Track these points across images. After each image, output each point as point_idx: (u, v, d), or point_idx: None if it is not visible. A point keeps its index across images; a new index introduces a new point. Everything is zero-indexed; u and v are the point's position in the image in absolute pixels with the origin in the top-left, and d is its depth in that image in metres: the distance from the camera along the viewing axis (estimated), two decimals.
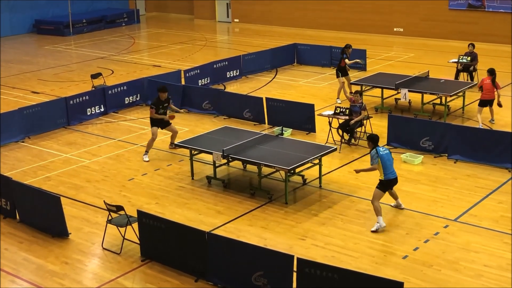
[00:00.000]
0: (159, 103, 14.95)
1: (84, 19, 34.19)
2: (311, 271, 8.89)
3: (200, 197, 13.09)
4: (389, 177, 11.59)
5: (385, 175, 11.56)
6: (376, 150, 11.59)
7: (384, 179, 11.58)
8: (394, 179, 11.68)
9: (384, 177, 11.57)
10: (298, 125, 16.70)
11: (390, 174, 11.59)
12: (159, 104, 14.94)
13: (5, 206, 12.29)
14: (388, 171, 11.56)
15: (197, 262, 10.02)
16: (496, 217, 11.83)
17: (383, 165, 11.52)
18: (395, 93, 18.23)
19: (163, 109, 15.01)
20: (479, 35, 27.09)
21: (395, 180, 11.74)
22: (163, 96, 14.94)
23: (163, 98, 14.96)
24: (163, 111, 15.03)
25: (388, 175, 11.57)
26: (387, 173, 11.55)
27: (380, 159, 11.49)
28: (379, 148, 11.67)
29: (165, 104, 15.05)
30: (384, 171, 11.54)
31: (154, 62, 25.98)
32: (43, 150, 16.15)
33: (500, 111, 17.84)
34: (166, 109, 15.12)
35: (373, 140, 11.80)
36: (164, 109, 15.05)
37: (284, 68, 24.12)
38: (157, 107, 14.91)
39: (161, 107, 14.96)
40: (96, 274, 10.35)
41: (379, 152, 11.58)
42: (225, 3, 36.36)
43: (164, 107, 15.02)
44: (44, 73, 24.74)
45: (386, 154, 11.60)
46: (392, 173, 11.62)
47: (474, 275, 9.94)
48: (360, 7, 31.04)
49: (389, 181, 11.66)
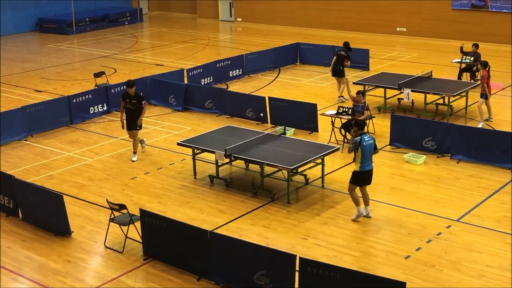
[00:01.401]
0: (125, 96, 14.73)
1: (87, 17, 34.22)
2: (313, 270, 8.89)
3: (202, 196, 13.09)
4: (364, 168, 11.52)
5: (361, 166, 11.48)
6: (361, 138, 11.42)
7: (359, 170, 11.50)
8: (369, 171, 11.60)
9: (359, 168, 11.49)
10: (300, 124, 16.70)
11: (366, 165, 11.53)
12: (125, 97, 14.70)
13: (8, 204, 12.30)
14: (365, 162, 11.50)
15: (199, 261, 10.03)
16: (499, 217, 11.82)
17: (363, 155, 11.41)
18: (398, 93, 18.21)
19: (130, 104, 14.63)
20: (482, 35, 27.06)
21: (370, 173, 11.63)
22: (129, 91, 14.64)
23: (130, 93, 14.65)
24: (130, 106, 14.63)
25: (364, 167, 11.51)
26: (363, 164, 11.48)
27: (361, 148, 11.37)
28: (364, 137, 11.47)
29: (133, 100, 14.64)
30: (361, 161, 11.44)
31: (157, 61, 25.99)
32: (46, 148, 16.17)
33: (503, 111, 17.84)
34: (136, 106, 14.64)
35: (359, 126, 11.65)
36: (132, 105, 14.63)
37: (287, 68, 24.12)
38: (123, 100, 14.72)
39: (127, 101, 14.66)
40: (98, 273, 10.37)
41: (363, 141, 11.42)
42: (228, 2, 36.36)
43: (132, 103, 14.64)
44: (47, 71, 24.76)
45: (368, 146, 11.47)
46: (369, 165, 11.56)
47: (476, 275, 9.94)
48: (363, 6, 31.02)
49: (363, 173, 11.54)
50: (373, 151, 11.65)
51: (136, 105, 14.67)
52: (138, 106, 14.67)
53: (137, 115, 14.69)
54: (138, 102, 14.67)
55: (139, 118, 14.72)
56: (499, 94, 19.87)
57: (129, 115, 14.77)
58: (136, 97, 14.70)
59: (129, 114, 14.77)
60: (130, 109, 14.70)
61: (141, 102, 14.68)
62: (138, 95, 14.80)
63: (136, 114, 14.70)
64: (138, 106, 14.67)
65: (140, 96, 14.81)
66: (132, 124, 14.81)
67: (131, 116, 14.75)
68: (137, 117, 14.70)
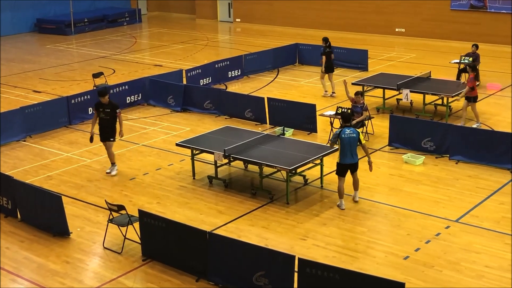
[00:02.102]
0: (98, 106, 13.91)
1: (86, 18, 34.22)
2: (312, 271, 8.89)
3: (201, 196, 13.09)
4: (344, 161, 11.87)
5: (341, 158, 11.89)
6: (341, 131, 11.82)
7: (339, 162, 11.94)
8: (350, 164, 11.92)
9: (339, 160, 11.93)
10: (299, 125, 16.70)
11: (345, 159, 11.85)
12: (99, 107, 13.88)
13: (6, 205, 12.29)
14: (344, 156, 11.83)
15: (198, 261, 10.02)
16: (498, 218, 11.82)
17: (341, 148, 11.83)
18: (397, 93, 18.21)
19: (103, 114, 13.81)
20: (481, 35, 27.06)
21: (352, 166, 11.98)
22: (102, 100, 13.80)
23: (103, 102, 13.82)
24: (104, 116, 13.82)
25: (343, 160, 11.87)
26: (342, 157, 11.86)
27: (339, 140, 11.78)
28: (345, 130, 11.85)
29: (107, 109, 13.80)
30: (340, 154, 11.88)
31: (156, 61, 25.99)
32: (45, 149, 16.16)
33: (502, 112, 17.85)
34: (110, 115, 13.82)
35: (343, 118, 12.16)
36: (106, 115, 13.80)
37: (286, 68, 24.12)
38: (97, 110, 13.92)
39: (101, 110, 13.83)
40: (97, 274, 10.36)
41: (342, 134, 11.81)
42: (226, 3, 36.36)
43: (106, 112, 13.80)
44: (45, 72, 24.75)
45: (347, 138, 11.77)
46: (349, 159, 11.85)
47: (475, 275, 9.94)
48: (361, 7, 31.02)
49: (343, 166, 11.90)
50: (356, 145, 11.90)
51: (110, 114, 13.83)
52: (112, 115, 13.84)
53: (111, 124, 13.91)
54: (112, 110, 13.83)
55: (119, 129, 13.94)
56: (498, 94, 19.88)
57: (103, 125, 13.92)
58: (110, 106, 13.86)
59: (103, 124, 13.92)
60: (103, 118, 13.86)
61: (115, 111, 13.85)
62: (112, 104, 13.94)
63: (110, 124, 13.91)
64: (112, 115, 13.84)
65: (114, 105, 13.95)
66: (106, 134, 13.99)
67: (105, 126, 13.91)
68: (111, 127, 13.92)
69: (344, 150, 11.79)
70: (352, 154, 11.88)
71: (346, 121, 12.13)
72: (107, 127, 13.94)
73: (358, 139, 11.89)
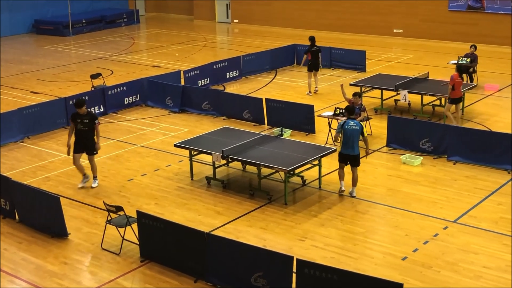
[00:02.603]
0: (75, 116, 13.31)
1: (84, 19, 34.17)
2: (311, 272, 8.89)
3: (199, 197, 13.08)
4: (344, 151, 12.44)
5: (342, 148, 12.47)
6: (344, 122, 12.33)
7: (340, 151, 12.54)
8: (350, 156, 12.43)
9: (340, 149, 12.52)
10: (297, 126, 16.70)
11: (346, 150, 12.40)
12: (76, 117, 13.29)
13: (4, 206, 12.27)
14: (345, 147, 12.38)
15: (196, 262, 10.02)
16: (496, 218, 11.83)
17: (344, 138, 12.35)
18: (395, 94, 18.23)
19: (81, 125, 13.23)
20: (478, 36, 27.08)
21: (352, 157, 12.46)
22: (80, 111, 13.23)
23: (81, 113, 13.24)
24: (82, 127, 13.24)
25: (344, 150, 12.44)
26: (343, 148, 12.42)
27: (343, 131, 12.31)
28: (348, 122, 12.36)
29: (85, 119, 13.24)
30: (342, 143, 12.44)
31: (154, 62, 25.98)
32: (43, 150, 16.15)
33: (500, 113, 17.86)
34: (88, 126, 13.27)
35: (348, 111, 12.63)
36: (84, 126, 13.23)
37: (284, 69, 24.12)
38: (74, 121, 13.33)
39: (79, 121, 13.24)
40: (95, 275, 10.35)
41: (345, 125, 12.33)
42: (224, 4, 36.36)
43: (84, 123, 13.23)
44: (43, 73, 24.73)
45: (350, 130, 12.31)
46: (348, 150, 12.38)
47: (473, 276, 9.95)
48: (359, 8, 31.04)
49: (344, 155, 12.48)
50: (358, 137, 12.37)
51: (88, 125, 13.25)
52: (90, 126, 13.28)
53: (90, 136, 13.39)
54: (91, 121, 13.28)
55: (96, 142, 13.45)
56: (496, 95, 19.90)
57: (82, 136, 13.33)
58: (88, 116, 13.32)
59: (81, 135, 13.33)
60: (81, 130, 13.27)
61: (94, 122, 13.30)
62: (90, 114, 13.45)
63: (89, 135, 13.38)
64: (90, 126, 13.28)
65: (92, 115, 13.48)
66: (90, 147, 13.49)
67: (84, 138, 13.34)
68: (90, 139, 13.43)
69: (346, 141, 12.35)
70: (353, 145, 12.40)
71: (350, 114, 12.64)
72: (86, 138, 13.40)
73: (360, 132, 12.40)
